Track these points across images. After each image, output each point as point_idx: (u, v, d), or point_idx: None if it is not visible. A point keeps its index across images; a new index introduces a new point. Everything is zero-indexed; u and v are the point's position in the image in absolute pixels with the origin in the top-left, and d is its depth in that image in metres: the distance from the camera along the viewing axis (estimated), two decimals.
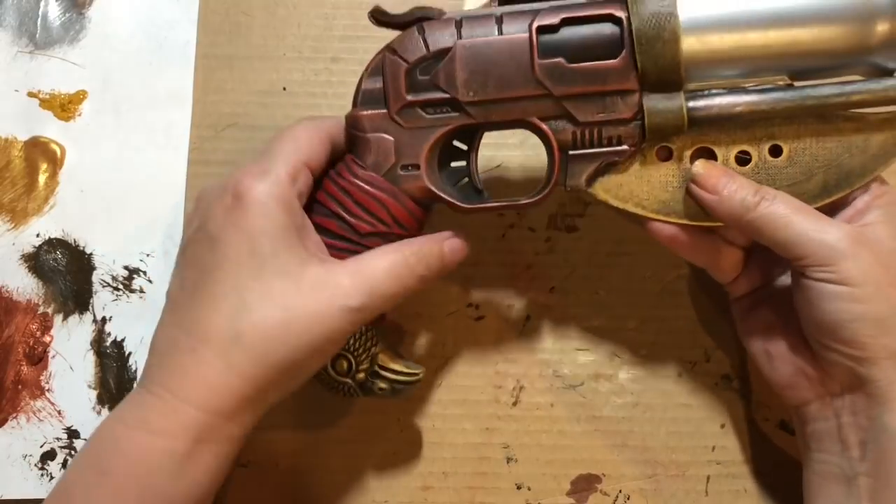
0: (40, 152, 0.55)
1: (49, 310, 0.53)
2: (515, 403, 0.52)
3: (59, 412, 0.52)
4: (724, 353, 0.52)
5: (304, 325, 0.39)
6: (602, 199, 0.43)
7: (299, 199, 0.41)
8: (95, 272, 0.54)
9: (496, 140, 0.48)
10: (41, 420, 0.52)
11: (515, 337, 0.52)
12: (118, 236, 0.54)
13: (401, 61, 0.42)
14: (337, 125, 0.44)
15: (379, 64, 0.42)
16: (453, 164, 0.45)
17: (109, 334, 0.53)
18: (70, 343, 0.53)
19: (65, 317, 0.53)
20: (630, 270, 0.53)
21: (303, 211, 0.42)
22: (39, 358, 0.53)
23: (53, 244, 0.54)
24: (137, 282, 0.54)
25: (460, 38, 0.41)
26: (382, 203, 0.42)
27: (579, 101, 0.41)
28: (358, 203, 0.42)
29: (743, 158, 0.42)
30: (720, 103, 0.40)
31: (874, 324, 0.39)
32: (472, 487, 0.51)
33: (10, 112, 0.55)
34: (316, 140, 0.42)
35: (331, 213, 0.43)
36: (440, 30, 0.42)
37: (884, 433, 0.39)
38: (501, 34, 0.41)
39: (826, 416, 0.42)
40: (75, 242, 0.54)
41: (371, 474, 0.51)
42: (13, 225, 0.54)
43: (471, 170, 0.45)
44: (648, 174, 0.43)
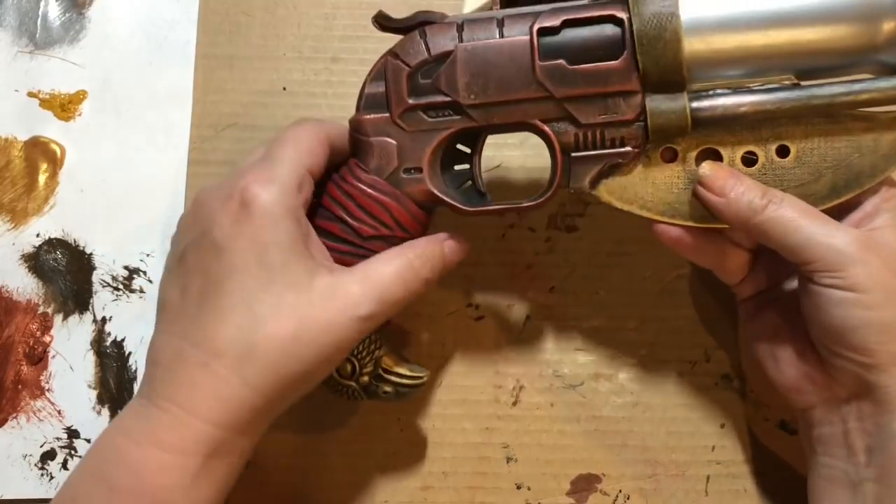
0: (40, 152, 0.54)
1: (49, 310, 0.52)
2: (515, 403, 0.50)
3: (59, 412, 0.51)
4: (725, 353, 0.50)
5: (315, 337, 0.38)
6: (606, 202, 0.41)
7: (304, 207, 0.40)
8: (95, 272, 0.52)
9: (496, 140, 0.47)
10: (41, 420, 0.51)
11: (515, 337, 0.51)
12: (118, 236, 0.53)
13: (402, 65, 0.41)
14: (336, 129, 0.43)
15: (381, 68, 0.42)
16: (457, 167, 0.44)
17: (109, 334, 0.52)
18: (70, 343, 0.52)
19: (65, 317, 0.52)
20: (630, 270, 0.51)
21: (306, 219, 0.41)
22: (39, 358, 0.51)
23: (53, 244, 0.53)
24: (137, 282, 0.52)
25: (461, 42, 0.40)
26: (385, 206, 0.41)
27: (581, 103, 0.40)
28: (360, 206, 0.41)
29: (749, 159, 0.41)
30: (724, 104, 0.39)
31: (882, 330, 0.37)
32: (472, 487, 0.50)
33: (10, 112, 0.54)
34: (317, 145, 0.41)
35: (334, 217, 0.42)
36: (442, 33, 0.41)
37: (891, 440, 0.38)
38: (502, 37, 0.40)
39: (832, 421, 0.40)
40: (75, 242, 0.53)
41: (371, 474, 0.50)
42: (13, 225, 0.53)
43: (474, 172, 0.44)
44: (653, 176, 0.41)
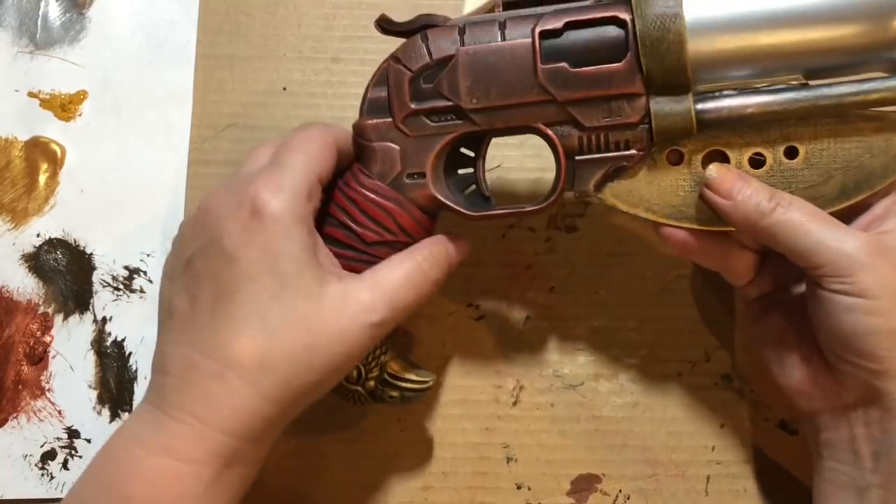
0: (40, 152, 0.52)
1: (49, 310, 0.51)
2: (515, 403, 0.49)
3: (60, 412, 0.49)
4: (725, 353, 0.49)
5: (328, 346, 0.37)
6: (611, 205, 0.40)
7: (312, 216, 0.39)
8: (95, 272, 0.51)
9: (496, 140, 0.45)
10: (41, 420, 0.49)
11: (515, 337, 0.50)
12: (118, 236, 0.51)
13: (404, 70, 0.39)
14: (343, 133, 0.41)
15: (384, 72, 0.40)
16: (461, 171, 0.43)
17: (110, 334, 0.50)
18: (70, 343, 0.50)
19: (65, 317, 0.50)
20: (630, 270, 0.50)
21: (314, 227, 0.39)
22: (40, 358, 0.50)
23: (54, 244, 0.51)
24: (137, 282, 0.51)
25: (463, 45, 0.39)
26: (388, 212, 0.40)
27: (584, 106, 0.38)
28: (364, 212, 0.40)
29: (757, 161, 0.39)
30: (730, 105, 0.37)
31: (891, 337, 0.36)
32: (472, 487, 0.48)
33: (11, 112, 0.52)
34: (326, 150, 0.40)
35: (338, 223, 0.40)
36: (443, 37, 0.39)
37: None
38: (504, 40, 0.38)
39: (839, 426, 0.39)
40: (75, 242, 0.51)
41: (371, 474, 0.48)
42: (13, 225, 0.51)
43: (478, 177, 0.42)
44: (658, 178, 0.39)
